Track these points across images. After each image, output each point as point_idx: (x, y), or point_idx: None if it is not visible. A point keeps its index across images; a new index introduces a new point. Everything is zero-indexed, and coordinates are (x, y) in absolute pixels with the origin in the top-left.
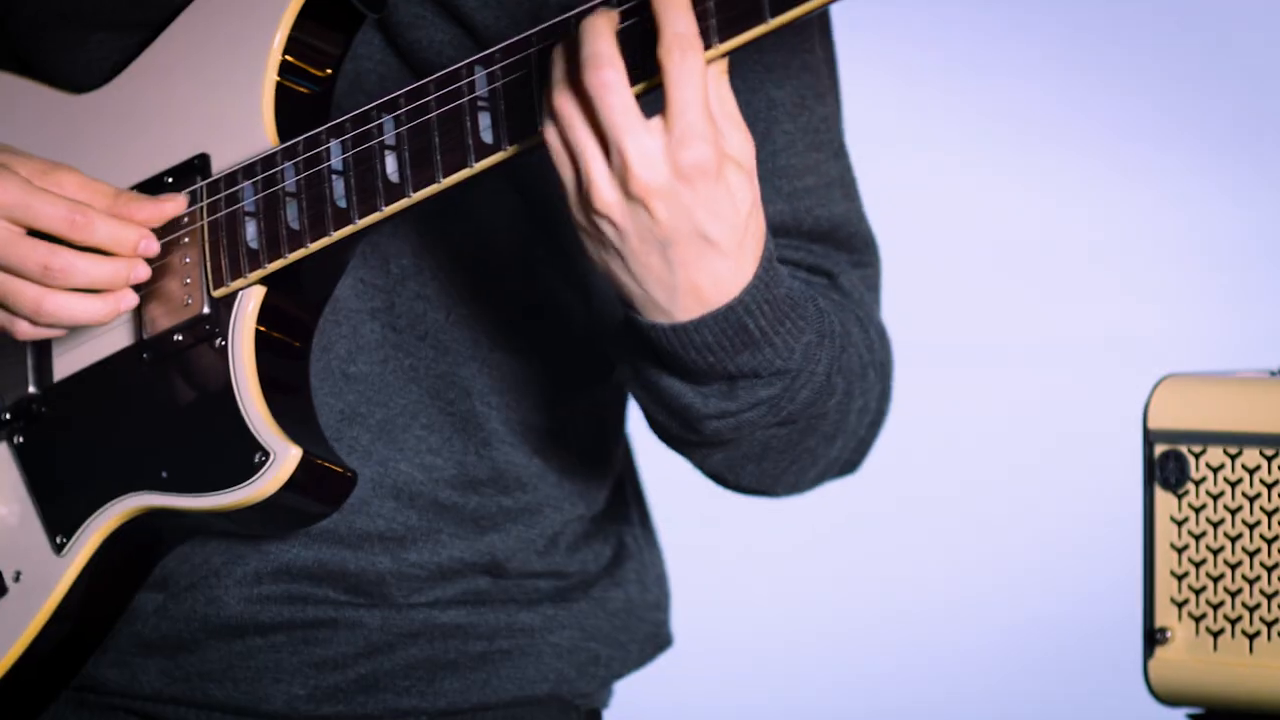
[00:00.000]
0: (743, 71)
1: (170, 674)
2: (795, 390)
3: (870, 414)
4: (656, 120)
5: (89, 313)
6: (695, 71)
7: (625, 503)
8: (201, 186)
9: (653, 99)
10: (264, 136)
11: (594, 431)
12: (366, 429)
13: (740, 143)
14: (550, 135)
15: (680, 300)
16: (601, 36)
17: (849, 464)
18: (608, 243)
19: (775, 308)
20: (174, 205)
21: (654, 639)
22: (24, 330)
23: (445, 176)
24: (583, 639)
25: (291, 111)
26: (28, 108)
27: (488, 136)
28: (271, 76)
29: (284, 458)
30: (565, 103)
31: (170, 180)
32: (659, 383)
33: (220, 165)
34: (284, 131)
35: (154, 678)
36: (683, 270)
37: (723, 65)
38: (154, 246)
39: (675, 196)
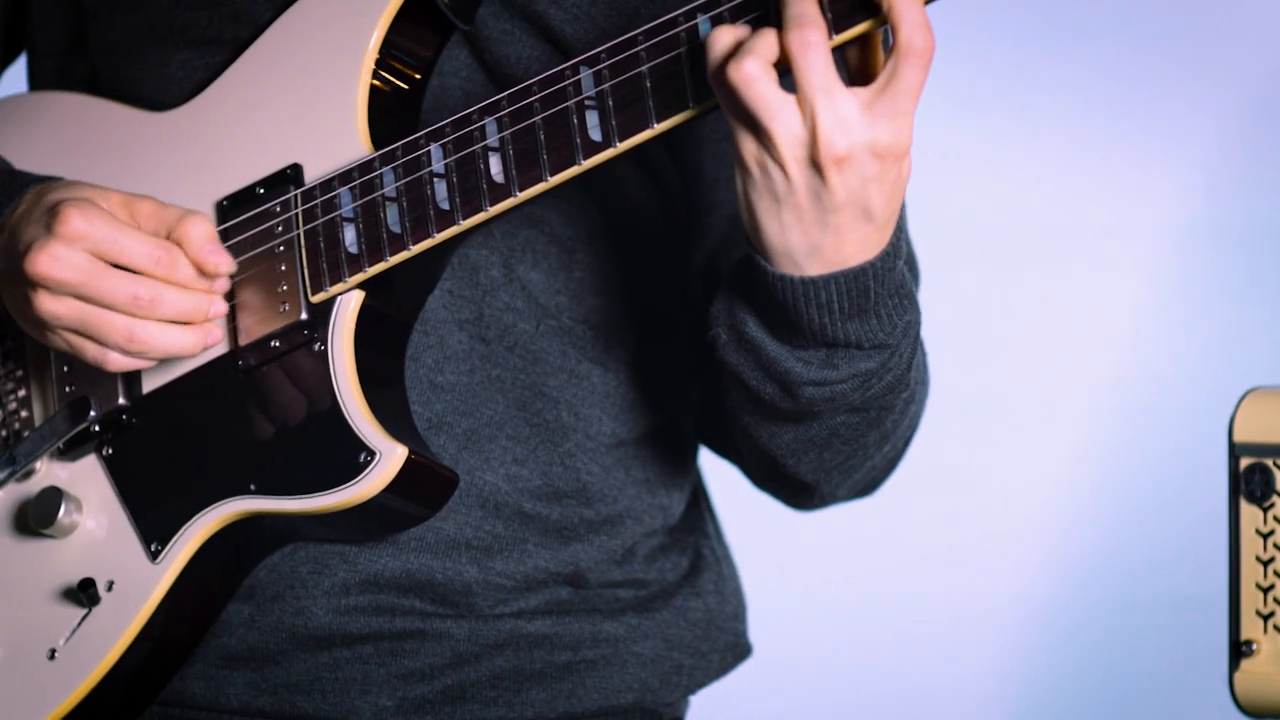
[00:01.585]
0: None
1: (257, 686)
2: (885, 370)
3: (911, 429)
4: (861, 90)
5: (180, 343)
6: (929, 58)
7: (701, 515)
8: (295, 195)
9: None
10: (358, 144)
11: (673, 443)
12: (453, 438)
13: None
14: (736, 95)
15: (818, 258)
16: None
17: (874, 482)
18: (772, 191)
19: (892, 280)
20: (227, 264)
21: (734, 648)
22: (116, 361)
23: (552, 175)
24: (666, 649)
25: (383, 120)
26: (109, 129)
27: (596, 134)
28: (366, 79)
29: (390, 457)
30: (754, 64)
31: (262, 191)
32: (762, 345)
33: (313, 174)
34: (376, 140)
35: (240, 690)
36: (834, 234)
37: None
38: (225, 286)
39: (859, 170)
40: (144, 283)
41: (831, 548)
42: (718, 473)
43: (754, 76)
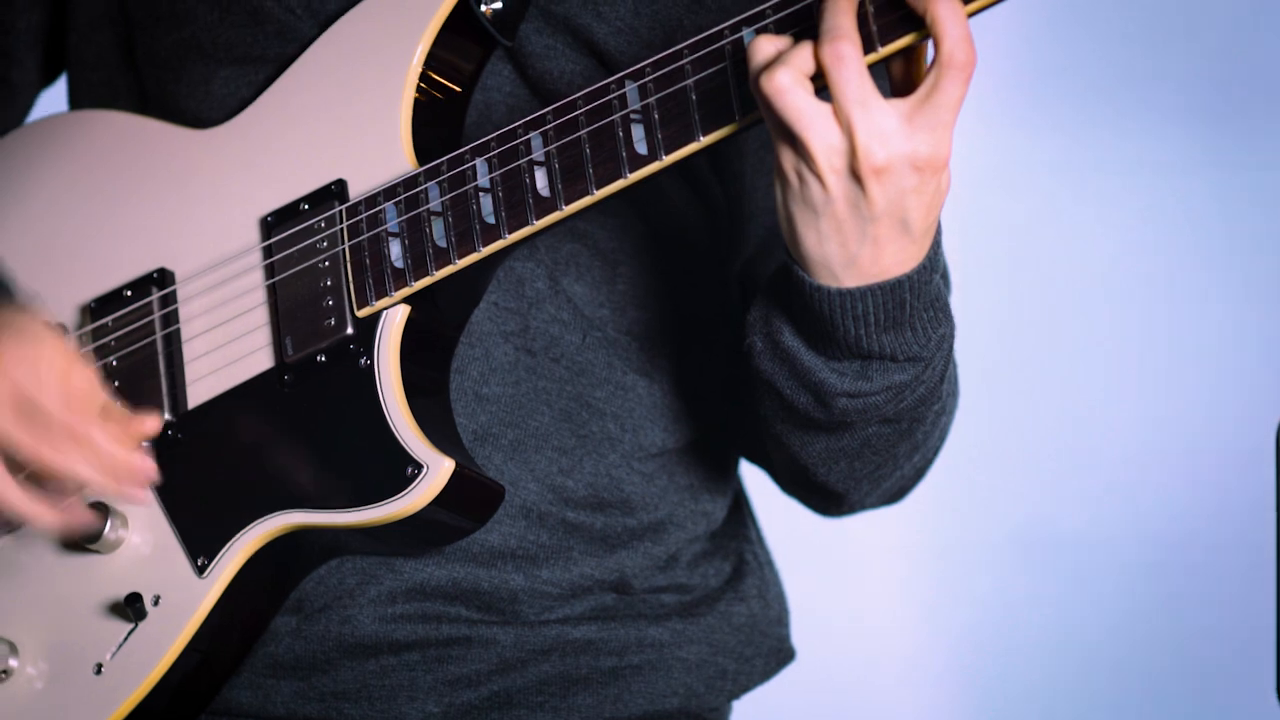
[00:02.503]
0: None
1: (304, 695)
2: (919, 383)
3: (941, 440)
4: (900, 102)
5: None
6: (970, 73)
7: (743, 520)
8: (340, 210)
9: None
10: (402, 159)
11: (716, 450)
12: (499, 449)
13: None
14: (769, 105)
15: (855, 269)
16: (843, 12)
17: (902, 490)
18: (810, 201)
19: (928, 293)
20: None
21: (777, 653)
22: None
23: (599, 188)
24: (710, 654)
25: (427, 136)
26: (154, 147)
27: (642, 148)
28: (410, 94)
29: (437, 470)
30: (786, 75)
31: (306, 207)
32: (797, 355)
33: (357, 190)
34: (420, 155)
35: (288, 699)
36: (872, 246)
37: None
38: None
39: (897, 181)
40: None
41: (873, 551)
42: (759, 478)
43: (786, 88)
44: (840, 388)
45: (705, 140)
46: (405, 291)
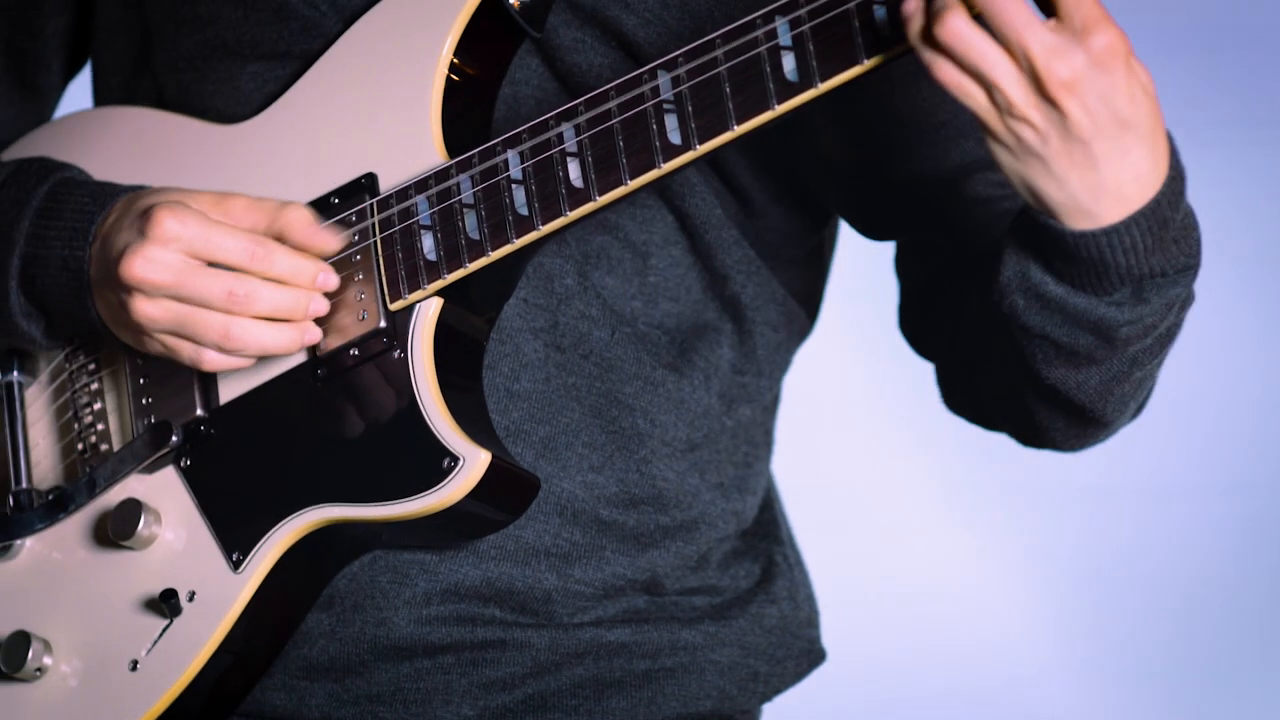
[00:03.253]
0: None
1: (338, 697)
2: (1188, 288)
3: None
4: (1051, 22)
5: (276, 340)
6: None
7: (774, 520)
8: (371, 204)
9: None
10: (433, 152)
11: (747, 449)
12: (530, 445)
13: (1118, 32)
14: (943, 69)
15: (1106, 200)
16: None
17: (1140, 408)
18: (1029, 149)
19: (1183, 203)
20: (335, 240)
21: (808, 655)
22: (211, 359)
23: (632, 179)
24: (742, 656)
25: (456, 128)
26: (180, 142)
27: (675, 137)
28: (440, 86)
29: (473, 462)
30: (952, 26)
31: (336, 201)
32: (1067, 301)
33: (388, 183)
34: (450, 148)
35: (321, 701)
36: (1107, 164)
37: None
38: (332, 280)
39: (1092, 85)
40: (239, 279)
41: (902, 551)
42: (790, 477)
43: (962, 29)
44: (1121, 318)
45: (740, 129)
46: (438, 284)
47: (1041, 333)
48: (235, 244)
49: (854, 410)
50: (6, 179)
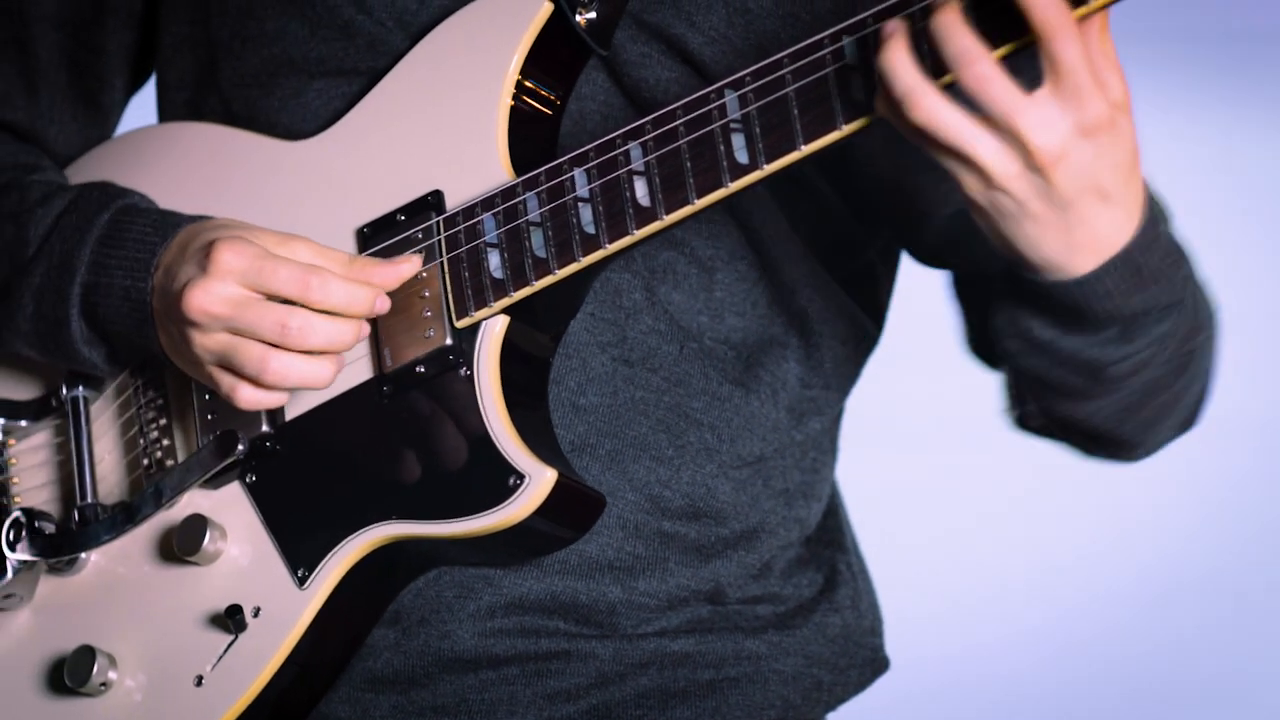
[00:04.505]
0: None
1: (403, 709)
2: (1179, 325)
3: (1214, 359)
4: (1044, 90)
5: (314, 375)
6: (1073, 31)
7: (838, 529)
8: (437, 221)
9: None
10: (499, 170)
11: (813, 460)
12: (596, 459)
13: (1120, 86)
14: (928, 137)
15: (1078, 255)
16: (960, 32)
17: (1192, 418)
18: (1006, 215)
19: (1159, 244)
20: (409, 266)
21: (872, 663)
22: (246, 396)
23: (699, 198)
24: (806, 665)
25: (523, 145)
26: (246, 158)
27: (742, 156)
28: (506, 103)
29: (539, 480)
30: (934, 106)
31: (403, 218)
32: (1057, 344)
33: (454, 201)
34: (516, 165)
35: (386, 714)
36: (1081, 227)
37: (1102, 18)
38: (387, 304)
39: (1076, 157)
40: (293, 312)
41: (966, 557)
42: (855, 485)
43: (936, 109)
44: (1108, 357)
45: (807, 149)
46: (505, 302)
47: (1036, 374)
48: (290, 273)
49: (915, 417)
50: (68, 205)
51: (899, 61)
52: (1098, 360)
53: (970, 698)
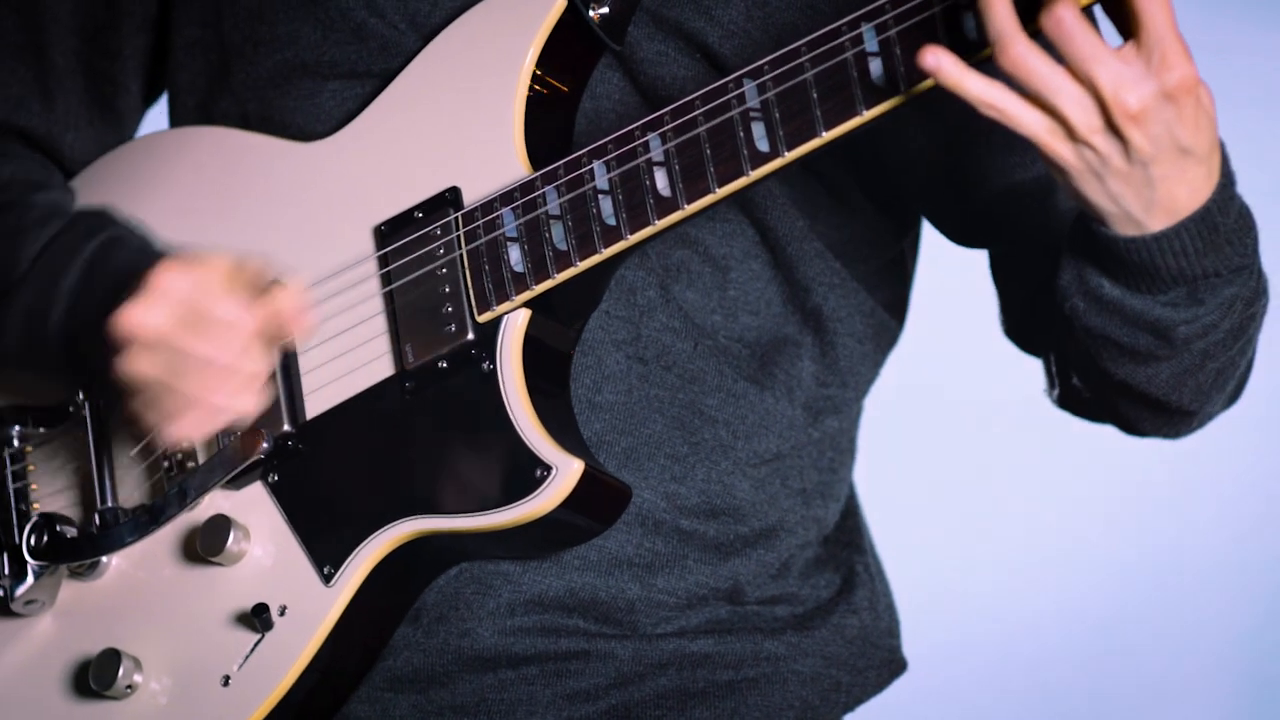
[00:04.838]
0: None
1: (422, 709)
2: (1245, 289)
3: (1260, 327)
4: (1127, 48)
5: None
6: None
7: (856, 528)
8: (455, 217)
9: None
10: (516, 165)
11: (833, 454)
12: (612, 456)
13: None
14: (1021, 75)
15: (1156, 212)
16: None
17: (1238, 392)
18: (1088, 169)
19: (1234, 206)
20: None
21: (889, 664)
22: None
23: (720, 187)
24: (825, 666)
25: (539, 141)
26: (260, 160)
27: (763, 144)
28: (522, 99)
29: (566, 471)
30: (1018, 55)
31: (420, 215)
32: (1124, 303)
33: (472, 197)
34: (534, 161)
35: (406, 713)
36: (1163, 185)
37: None
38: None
39: (1159, 116)
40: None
41: (983, 558)
42: (872, 485)
43: (1023, 55)
44: (1177, 318)
45: (828, 135)
46: (526, 295)
47: (1102, 333)
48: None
49: (933, 416)
50: (61, 230)
51: (998, 3)
52: (1167, 320)
53: (988, 700)
